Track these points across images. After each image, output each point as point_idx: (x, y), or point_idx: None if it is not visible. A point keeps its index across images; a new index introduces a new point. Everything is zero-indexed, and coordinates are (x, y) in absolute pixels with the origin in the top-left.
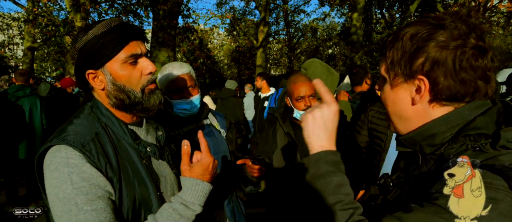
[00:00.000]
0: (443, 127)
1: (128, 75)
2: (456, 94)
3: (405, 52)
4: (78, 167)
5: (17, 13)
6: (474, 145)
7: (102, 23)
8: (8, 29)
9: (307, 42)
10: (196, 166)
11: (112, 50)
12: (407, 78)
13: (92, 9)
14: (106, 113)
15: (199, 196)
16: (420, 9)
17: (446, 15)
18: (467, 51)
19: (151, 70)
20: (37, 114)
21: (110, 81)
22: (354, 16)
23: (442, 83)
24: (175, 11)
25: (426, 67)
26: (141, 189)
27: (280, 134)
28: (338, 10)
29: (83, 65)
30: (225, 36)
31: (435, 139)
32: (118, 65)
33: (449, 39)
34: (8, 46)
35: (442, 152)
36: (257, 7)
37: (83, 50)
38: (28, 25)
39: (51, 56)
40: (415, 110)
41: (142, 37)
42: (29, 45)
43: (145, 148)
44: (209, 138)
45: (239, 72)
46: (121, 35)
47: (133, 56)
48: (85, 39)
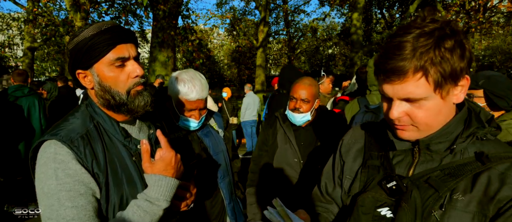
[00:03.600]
0: (455, 125)
1: (115, 78)
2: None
3: (452, 63)
4: (64, 163)
5: (17, 13)
6: (481, 136)
7: (93, 26)
8: (8, 29)
9: (307, 42)
10: (157, 162)
11: (100, 52)
12: (456, 83)
13: (92, 9)
14: (99, 111)
15: (163, 192)
16: (420, 9)
17: (436, 21)
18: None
19: (138, 74)
20: (36, 113)
21: (97, 82)
22: (354, 16)
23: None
24: (175, 12)
25: (467, 68)
26: (130, 185)
27: (281, 134)
28: (338, 10)
29: (73, 65)
30: (225, 36)
31: (447, 136)
32: (105, 67)
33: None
34: (8, 46)
35: (454, 147)
36: (257, 7)
37: (74, 51)
38: (28, 25)
39: (51, 56)
40: (451, 110)
41: (132, 41)
42: (29, 45)
43: (135, 145)
44: (207, 138)
45: (239, 72)
46: (109, 38)
47: (120, 59)
48: (76, 41)
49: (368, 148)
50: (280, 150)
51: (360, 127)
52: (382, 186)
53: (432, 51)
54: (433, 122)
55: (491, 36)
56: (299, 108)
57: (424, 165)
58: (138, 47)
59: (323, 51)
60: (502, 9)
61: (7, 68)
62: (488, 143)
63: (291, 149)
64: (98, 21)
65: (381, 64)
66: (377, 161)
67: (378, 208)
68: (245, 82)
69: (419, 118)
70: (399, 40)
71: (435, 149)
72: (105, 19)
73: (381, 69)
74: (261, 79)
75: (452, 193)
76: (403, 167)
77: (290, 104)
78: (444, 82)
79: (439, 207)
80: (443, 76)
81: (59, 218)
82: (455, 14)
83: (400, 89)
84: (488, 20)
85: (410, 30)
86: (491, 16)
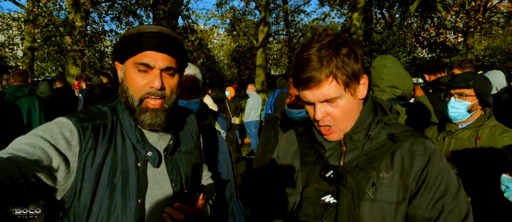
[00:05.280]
0: (366, 115)
1: (134, 80)
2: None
3: (350, 64)
4: (59, 125)
5: (17, 13)
6: (386, 121)
7: (143, 26)
8: (8, 29)
9: None
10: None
11: (130, 51)
12: (358, 81)
13: (92, 9)
14: (123, 107)
15: None
16: (420, 9)
17: (318, 32)
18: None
19: (155, 86)
20: (36, 114)
21: (121, 79)
22: (354, 16)
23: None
24: (175, 12)
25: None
26: (124, 190)
27: (281, 136)
28: (338, 10)
29: (115, 55)
30: (225, 36)
31: (362, 126)
32: (132, 67)
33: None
34: (8, 46)
35: (370, 134)
36: (257, 7)
37: (118, 42)
38: (28, 25)
39: (51, 56)
40: (359, 105)
41: (171, 53)
42: (29, 45)
43: (146, 151)
44: (208, 139)
45: (239, 72)
46: (146, 42)
47: (144, 65)
48: (125, 34)
49: (302, 148)
50: None
51: (293, 131)
52: (322, 177)
53: (334, 59)
54: (349, 117)
55: (491, 36)
56: (293, 105)
57: (351, 153)
58: (181, 62)
59: None
60: (502, 9)
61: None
62: (394, 126)
63: None
64: (98, 21)
65: (298, 76)
66: (312, 157)
67: (322, 196)
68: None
69: (337, 115)
70: (306, 54)
71: (355, 138)
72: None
73: (299, 80)
74: (261, 79)
75: (378, 172)
76: (334, 158)
77: (287, 100)
78: (350, 82)
79: (371, 186)
80: (348, 77)
81: (16, 141)
82: (455, 14)
83: (318, 94)
84: (488, 20)
85: (312, 45)
86: (491, 16)
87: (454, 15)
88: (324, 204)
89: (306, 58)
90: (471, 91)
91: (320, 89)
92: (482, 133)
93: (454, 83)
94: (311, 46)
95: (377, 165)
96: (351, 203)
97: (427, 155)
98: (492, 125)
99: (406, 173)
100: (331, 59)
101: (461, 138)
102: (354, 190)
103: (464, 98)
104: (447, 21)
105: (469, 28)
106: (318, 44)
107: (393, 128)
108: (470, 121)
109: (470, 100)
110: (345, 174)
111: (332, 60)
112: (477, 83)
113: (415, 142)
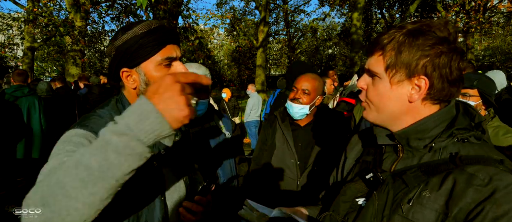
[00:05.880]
0: (434, 123)
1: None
2: (446, 94)
3: (409, 54)
4: (84, 138)
5: (17, 13)
6: (463, 138)
7: (142, 24)
8: (8, 29)
9: (307, 42)
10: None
11: (150, 51)
12: (409, 77)
13: (92, 9)
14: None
15: (135, 119)
16: (420, 9)
17: (434, 22)
18: (457, 55)
19: None
20: (36, 114)
21: (144, 81)
22: (354, 16)
23: (437, 84)
24: (175, 12)
25: (428, 69)
26: (146, 191)
27: (279, 134)
28: (338, 10)
29: (119, 63)
30: (225, 36)
31: (425, 133)
32: (153, 66)
33: (445, 44)
34: (8, 46)
35: (432, 145)
36: (257, 7)
37: (121, 49)
38: (28, 25)
39: (51, 56)
40: (408, 107)
41: (177, 42)
42: (29, 45)
43: (158, 149)
44: (213, 140)
45: (239, 72)
46: (160, 37)
47: (169, 59)
48: (125, 38)
49: (366, 146)
50: (277, 151)
51: (366, 129)
52: (361, 178)
53: (397, 37)
54: (380, 103)
55: (491, 36)
56: (298, 99)
57: (404, 162)
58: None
59: (323, 51)
60: (502, 9)
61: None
62: (470, 145)
63: (288, 150)
64: (98, 21)
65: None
66: (370, 157)
67: (357, 198)
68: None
69: (370, 93)
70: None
71: (414, 145)
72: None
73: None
74: (261, 79)
75: (422, 189)
76: (388, 162)
77: (291, 94)
78: (394, 68)
79: (407, 202)
80: (395, 61)
81: (58, 155)
82: (455, 14)
83: (368, 61)
84: (488, 20)
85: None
86: (491, 16)
87: (454, 15)
88: (356, 205)
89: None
90: (475, 91)
91: (370, 58)
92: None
93: None
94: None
95: (422, 182)
96: (379, 213)
97: (490, 187)
98: (496, 125)
99: (454, 201)
100: (396, 36)
101: None
102: (389, 200)
103: (467, 99)
104: None
105: (469, 28)
106: (405, 29)
107: (466, 148)
108: None
109: (474, 100)
110: (387, 181)
111: (395, 37)
112: (480, 83)
113: (481, 169)
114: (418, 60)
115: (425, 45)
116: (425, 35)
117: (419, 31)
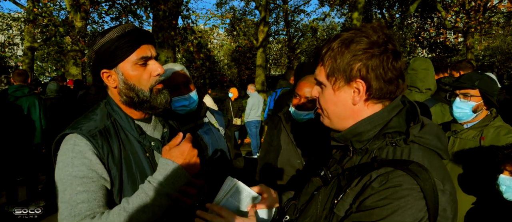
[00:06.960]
0: (368, 126)
1: (138, 76)
2: (386, 92)
3: (344, 60)
4: (82, 153)
5: (17, 13)
6: (392, 141)
7: (117, 28)
8: (8, 29)
9: (307, 42)
10: (173, 149)
11: (125, 52)
12: (347, 82)
13: (92, 9)
14: (116, 109)
15: (167, 177)
16: (420, 9)
17: (366, 27)
18: (389, 56)
19: (159, 72)
20: (36, 114)
21: (122, 81)
22: (354, 16)
23: (375, 85)
24: (175, 12)
25: (363, 72)
26: (143, 180)
27: (284, 135)
28: (338, 10)
29: (99, 65)
30: (225, 36)
31: (362, 136)
32: (130, 66)
33: (375, 48)
34: (8, 46)
35: (367, 147)
36: (257, 7)
37: (100, 51)
38: (28, 25)
39: (51, 56)
40: (353, 110)
41: (152, 42)
42: (29, 45)
43: (149, 142)
44: (208, 136)
45: (239, 72)
46: (134, 38)
47: (144, 58)
48: (102, 42)
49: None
50: (283, 151)
51: None
52: (317, 174)
53: (330, 46)
54: (328, 109)
55: (491, 36)
56: (302, 106)
57: (351, 162)
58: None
59: None
60: (502, 9)
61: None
62: (401, 148)
63: (293, 150)
64: (98, 21)
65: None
66: (338, 155)
67: (315, 191)
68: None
69: (321, 101)
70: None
71: (357, 147)
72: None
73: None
74: (261, 79)
75: (348, 187)
76: (344, 161)
77: (294, 101)
78: (333, 75)
79: (339, 198)
80: (332, 69)
81: (70, 201)
82: (455, 14)
83: (315, 71)
84: (488, 20)
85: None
86: (491, 16)
87: (454, 15)
88: (312, 197)
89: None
90: (476, 91)
91: (316, 69)
92: (487, 133)
93: (459, 83)
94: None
95: (349, 180)
96: (322, 205)
97: (383, 185)
98: (498, 125)
99: (359, 197)
100: (331, 46)
101: (465, 137)
102: (331, 195)
103: (469, 99)
104: (447, 21)
105: (469, 28)
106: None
107: (398, 151)
108: (475, 121)
109: (475, 100)
110: (334, 178)
111: (330, 46)
112: (482, 83)
113: (386, 171)
114: (353, 65)
115: (357, 51)
116: (356, 42)
117: (351, 39)
